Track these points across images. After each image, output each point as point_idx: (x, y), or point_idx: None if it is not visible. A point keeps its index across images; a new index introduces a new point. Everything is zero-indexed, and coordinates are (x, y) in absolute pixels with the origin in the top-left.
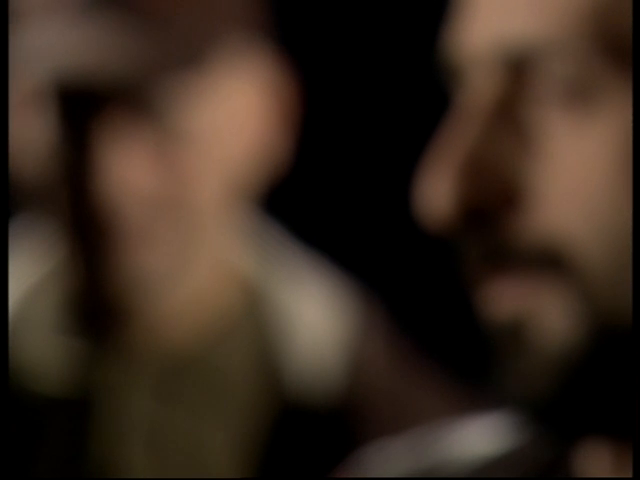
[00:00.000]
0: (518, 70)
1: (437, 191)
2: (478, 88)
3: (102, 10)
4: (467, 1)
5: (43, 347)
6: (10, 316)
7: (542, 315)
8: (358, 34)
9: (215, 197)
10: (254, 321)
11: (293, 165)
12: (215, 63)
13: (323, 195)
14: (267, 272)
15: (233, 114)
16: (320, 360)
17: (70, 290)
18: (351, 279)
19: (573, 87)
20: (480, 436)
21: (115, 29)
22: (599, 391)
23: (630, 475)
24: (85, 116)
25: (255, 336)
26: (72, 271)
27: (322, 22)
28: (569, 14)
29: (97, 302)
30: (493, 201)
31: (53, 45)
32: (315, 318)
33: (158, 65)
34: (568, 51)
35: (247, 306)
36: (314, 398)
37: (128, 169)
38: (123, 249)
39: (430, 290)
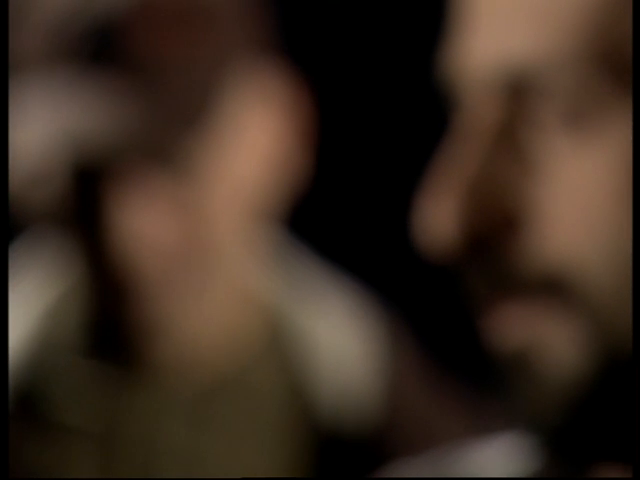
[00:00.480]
0: (518, 92)
1: (440, 217)
2: (478, 110)
3: (101, 72)
4: (466, 19)
5: (67, 372)
6: (29, 338)
7: (549, 344)
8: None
9: (235, 229)
10: (281, 347)
11: (313, 182)
12: (226, 100)
13: (347, 212)
14: (291, 296)
15: (249, 144)
16: (349, 384)
17: (93, 316)
18: (375, 297)
19: (574, 107)
20: (497, 457)
21: (116, 92)
22: (608, 416)
23: None
24: (99, 179)
25: (283, 361)
26: (94, 302)
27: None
28: (569, 33)
29: (122, 331)
30: (497, 227)
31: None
32: (341, 342)
33: (165, 121)
34: (569, 70)
35: (273, 332)
36: (345, 422)
37: (146, 225)
38: (145, 296)
39: (453, 309)
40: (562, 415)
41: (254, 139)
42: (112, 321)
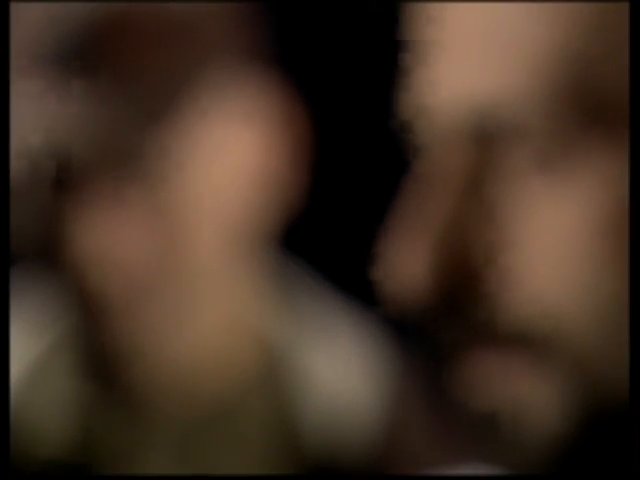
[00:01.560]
0: (486, 135)
1: (410, 266)
2: (445, 155)
3: (77, 79)
4: (429, 55)
5: (56, 411)
6: (18, 386)
7: (527, 401)
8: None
9: (217, 246)
10: (272, 376)
11: (310, 199)
12: (203, 110)
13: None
14: (285, 321)
15: (230, 156)
16: (345, 417)
17: (78, 353)
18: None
19: (547, 149)
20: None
21: (90, 100)
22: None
23: None
24: (71, 191)
25: (274, 393)
26: (78, 335)
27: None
28: (540, 72)
29: (105, 364)
30: (466, 277)
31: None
32: (337, 372)
33: (139, 129)
34: (540, 110)
35: (264, 360)
36: (339, 457)
37: (118, 242)
38: (121, 316)
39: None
40: (544, 467)
41: (235, 151)
42: (98, 359)
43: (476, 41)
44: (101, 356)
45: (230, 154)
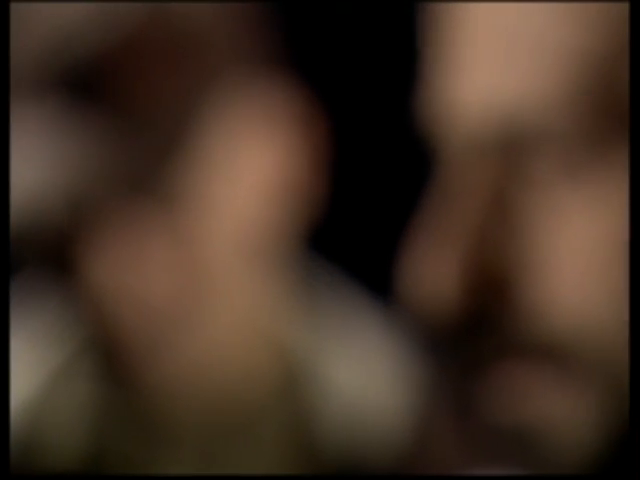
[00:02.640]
0: (513, 142)
1: (437, 278)
2: (471, 163)
3: (87, 105)
4: (450, 59)
5: (74, 422)
6: (35, 396)
7: (556, 416)
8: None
9: (238, 262)
10: (292, 388)
11: (333, 204)
12: (218, 128)
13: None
14: (308, 331)
15: (252, 174)
16: (365, 426)
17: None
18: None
19: (573, 156)
20: None
21: (98, 129)
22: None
23: None
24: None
25: (294, 401)
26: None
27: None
28: (564, 75)
29: (123, 374)
30: (493, 289)
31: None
32: (359, 382)
33: (152, 155)
34: (567, 113)
35: (285, 370)
36: (358, 465)
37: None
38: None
39: None
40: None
41: (255, 167)
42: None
43: (500, 43)
44: (119, 366)
45: (250, 171)
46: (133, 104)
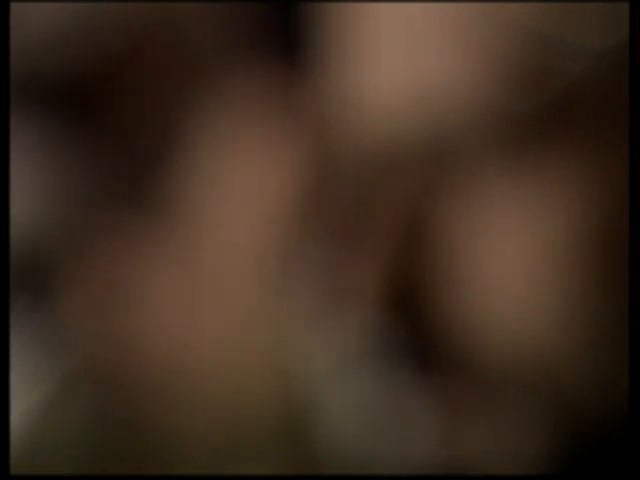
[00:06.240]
0: (438, 142)
1: (366, 287)
2: (387, 178)
3: (74, 122)
4: (358, 53)
5: (73, 444)
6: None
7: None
8: None
9: (231, 277)
10: (295, 421)
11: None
12: (216, 139)
13: None
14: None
15: (241, 182)
16: (361, 442)
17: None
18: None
19: (505, 146)
20: None
21: (91, 146)
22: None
23: None
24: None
25: (296, 436)
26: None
27: None
28: (486, 52)
29: (124, 398)
30: (415, 304)
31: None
32: (364, 411)
33: (147, 171)
34: (489, 95)
35: (288, 404)
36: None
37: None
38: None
39: None
40: None
41: (244, 176)
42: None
43: (405, 32)
44: (120, 389)
45: (242, 184)
46: (122, 120)
